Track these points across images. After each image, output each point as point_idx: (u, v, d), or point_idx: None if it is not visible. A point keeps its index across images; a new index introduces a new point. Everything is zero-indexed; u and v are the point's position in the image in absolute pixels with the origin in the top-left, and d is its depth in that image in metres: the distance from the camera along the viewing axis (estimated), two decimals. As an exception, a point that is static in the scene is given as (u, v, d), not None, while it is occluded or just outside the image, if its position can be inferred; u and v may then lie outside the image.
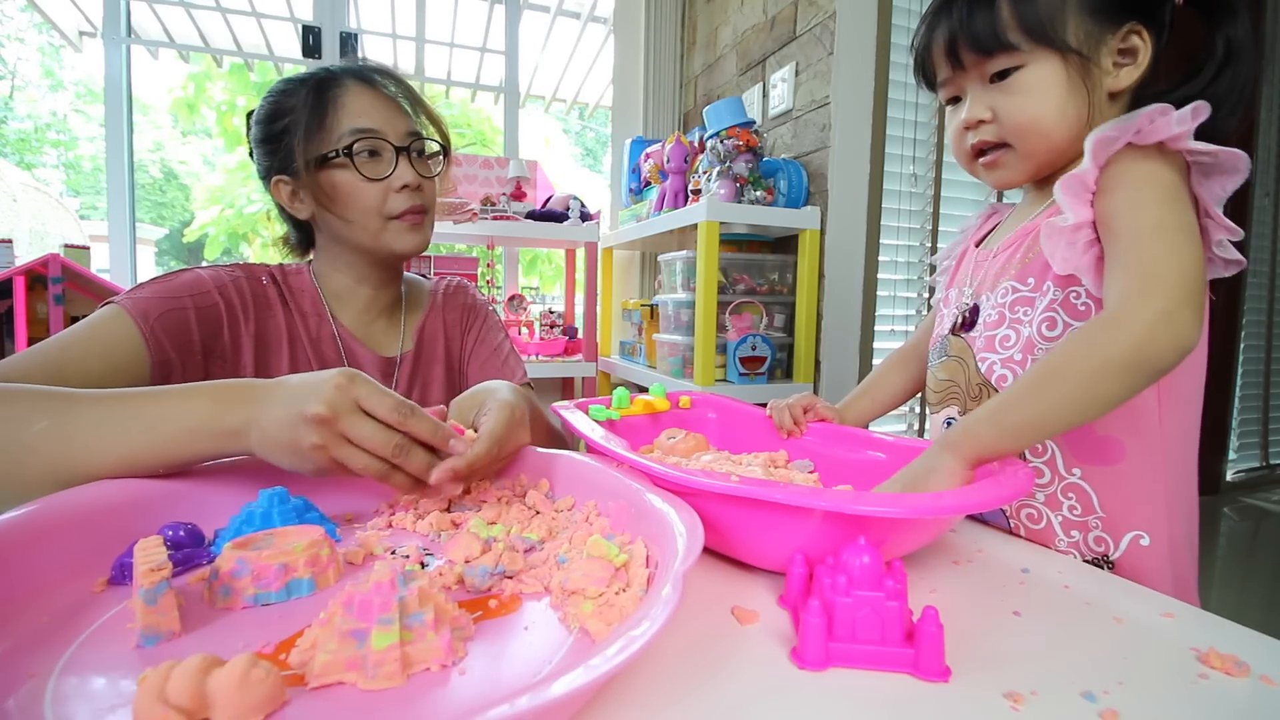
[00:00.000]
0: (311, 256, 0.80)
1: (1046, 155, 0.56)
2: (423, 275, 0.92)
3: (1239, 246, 0.50)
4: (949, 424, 0.65)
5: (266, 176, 0.73)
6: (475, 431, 0.51)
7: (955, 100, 0.60)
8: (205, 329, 0.66)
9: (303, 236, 0.80)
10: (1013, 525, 0.60)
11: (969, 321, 0.62)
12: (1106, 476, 0.54)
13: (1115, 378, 0.43)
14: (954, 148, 0.61)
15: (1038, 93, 0.53)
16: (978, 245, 0.67)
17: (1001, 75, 0.54)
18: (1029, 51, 0.53)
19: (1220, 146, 0.47)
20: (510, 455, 0.53)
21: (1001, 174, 0.59)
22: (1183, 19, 0.53)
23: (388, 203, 0.71)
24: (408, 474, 0.45)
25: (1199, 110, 0.47)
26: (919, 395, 0.77)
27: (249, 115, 0.76)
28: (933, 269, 0.79)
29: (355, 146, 0.68)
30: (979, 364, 0.60)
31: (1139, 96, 0.54)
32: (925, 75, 0.61)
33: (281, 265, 0.78)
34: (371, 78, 0.72)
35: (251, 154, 0.76)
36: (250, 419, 0.44)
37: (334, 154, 0.68)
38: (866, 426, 0.74)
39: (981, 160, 0.59)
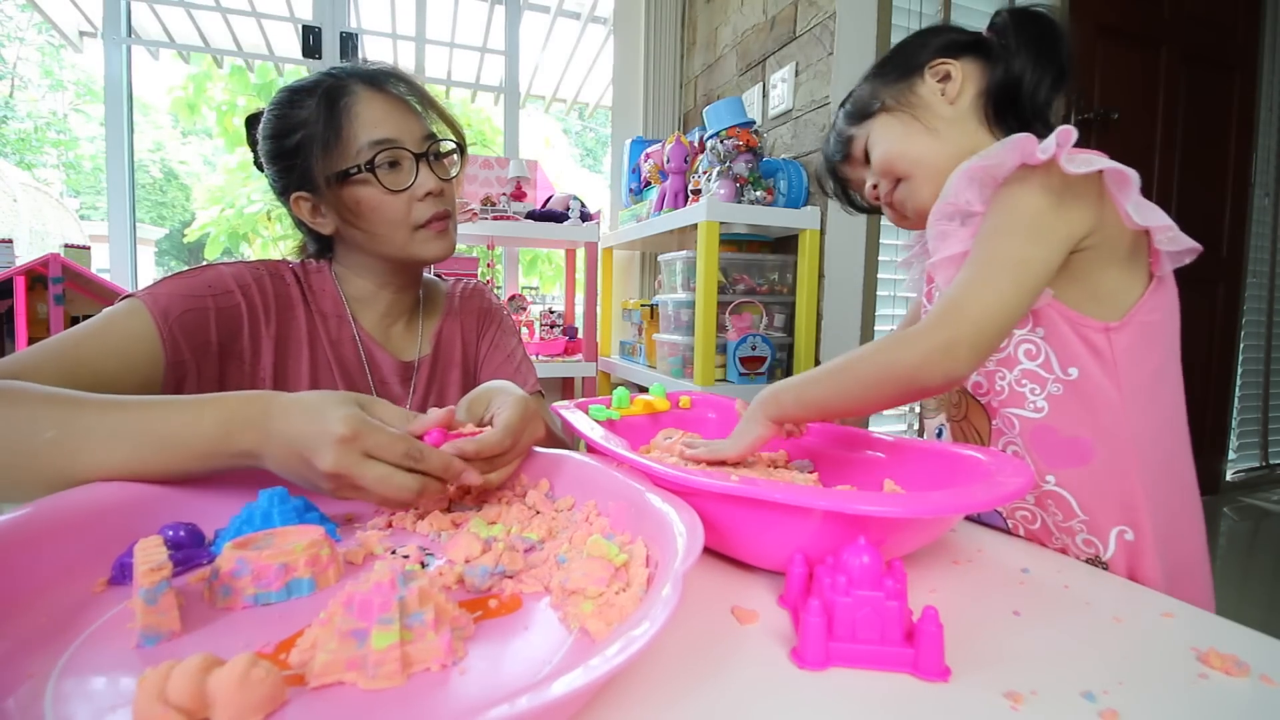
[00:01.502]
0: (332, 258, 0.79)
1: (924, 173, 0.62)
2: (439, 276, 0.92)
3: (1210, 235, 0.54)
4: (940, 431, 0.66)
5: (284, 193, 0.71)
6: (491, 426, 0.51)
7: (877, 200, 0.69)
8: (224, 330, 0.65)
9: (321, 246, 0.78)
10: (1010, 526, 0.60)
11: None
12: (1080, 478, 0.55)
13: (891, 388, 0.50)
14: (896, 222, 0.70)
15: (880, 141, 0.65)
16: None
17: (864, 155, 0.67)
18: (861, 130, 0.67)
19: (1105, 165, 0.50)
20: (526, 448, 0.53)
21: (909, 207, 0.65)
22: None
23: (413, 212, 0.69)
24: (438, 488, 0.46)
25: (1064, 135, 0.50)
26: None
27: (249, 122, 0.74)
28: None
29: (376, 159, 0.66)
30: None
31: (1001, 97, 0.62)
32: (842, 193, 0.74)
33: (303, 263, 0.76)
34: (381, 81, 0.69)
35: (259, 165, 0.74)
36: (262, 443, 0.44)
37: (355, 170, 0.66)
38: (867, 418, 0.75)
39: (892, 210, 0.67)
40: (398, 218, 0.69)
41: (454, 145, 0.74)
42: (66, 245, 1.73)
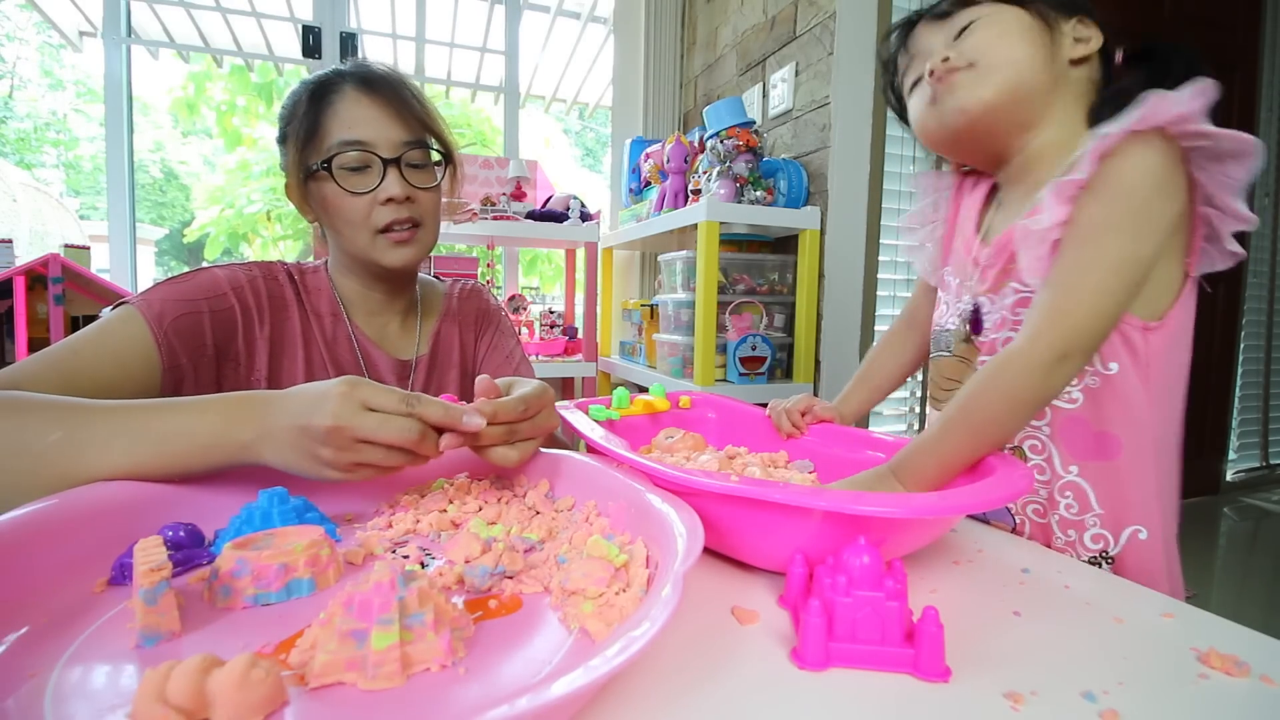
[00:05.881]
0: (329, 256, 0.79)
1: (1004, 77, 0.55)
2: (438, 277, 0.92)
3: (1239, 236, 0.51)
4: None
5: (286, 177, 0.74)
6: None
7: (916, 83, 0.61)
8: (219, 333, 0.65)
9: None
10: (1018, 521, 0.60)
11: (975, 323, 0.62)
12: (1104, 473, 0.55)
13: (1024, 411, 0.49)
14: (915, 114, 0.61)
15: (997, 26, 0.56)
16: (978, 233, 0.66)
17: (963, 29, 0.57)
18: (988, 5, 0.57)
19: (1226, 130, 0.46)
20: (542, 431, 0.52)
21: (958, 95, 0.56)
22: None
23: (374, 216, 0.69)
24: (434, 443, 0.45)
25: (1203, 90, 0.46)
26: (916, 396, 0.77)
27: None
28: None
29: (336, 160, 0.67)
30: (979, 368, 0.60)
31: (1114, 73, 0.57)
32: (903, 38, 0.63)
33: (299, 263, 0.77)
34: (373, 83, 0.69)
35: None
36: (262, 433, 0.44)
37: (316, 167, 0.68)
38: (868, 416, 0.76)
39: (945, 79, 0.57)
40: (357, 219, 0.69)
41: (436, 155, 0.73)
42: (66, 245, 1.73)
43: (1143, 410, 0.54)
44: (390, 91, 0.70)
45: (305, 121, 0.68)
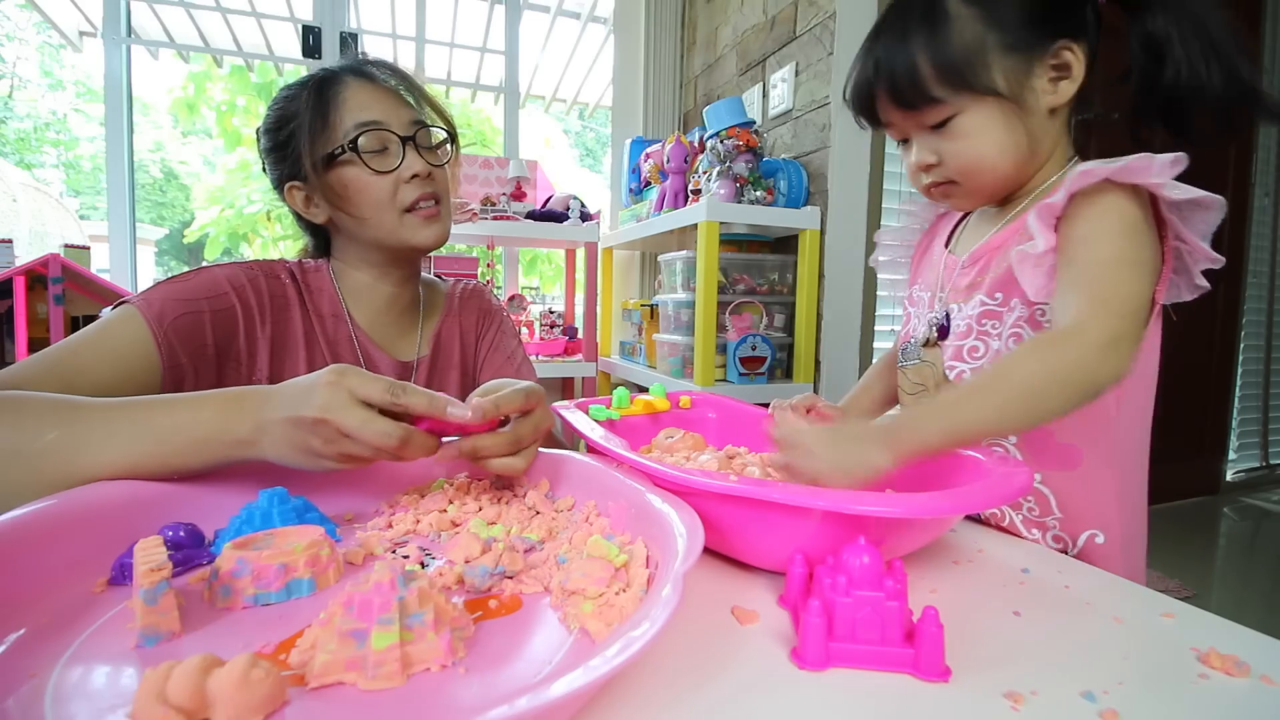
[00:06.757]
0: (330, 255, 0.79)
1: (995, 186, 0.58)
2: (440, 277, 0.92)
3: (1211, 272, 0.53)
4: None
5: (279, 185, 0.73)
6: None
7: (905, 141, 0.61)
8: (220, 333, 0.65)
9: (320, 243, 0.80)
10: (984, 516, 0.60)
11: (943, 330, 0.64)
12: (1064, 480, 0.57)
13: (1060, 393, 0.45)
14: (912, 182, 0.63)
15: (976, 136, 0.55)
16: (946, 246, 0.68)
17: (940, 122, 0.56)
18: (957, 100, 0.54)
19: (1197, 192, 0.48)
20: (542, 431, 0.52)
21: (955, 203, 0.62)
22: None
23: (399, 195, 0.70)
24: (424, 439, 0.45)
25: (1179, 161, 0.48)
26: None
27: (258, 130, 0.76)
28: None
29: (360, 140, 0.68)
30: (947, 371, 0.62)
31: (1079, 102, 0.57)
32: (867, 117, 0.62)
33: (300, 261, 0.77)
34: (370, 72, 0.71)
35: (265, 168, 0.76)
36: (259, 427, 0.45)
37: (340, 150, 0.68)
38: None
39: (935, 191, 0.61)
40: (384, 199, 0.69)
41: (444, 134, 0.75)
42: (66, 245, 1.73)
43: (1109, 422, 0.55)
44: (390, 75, 0.72)
45: (312, 115, 0.68)
